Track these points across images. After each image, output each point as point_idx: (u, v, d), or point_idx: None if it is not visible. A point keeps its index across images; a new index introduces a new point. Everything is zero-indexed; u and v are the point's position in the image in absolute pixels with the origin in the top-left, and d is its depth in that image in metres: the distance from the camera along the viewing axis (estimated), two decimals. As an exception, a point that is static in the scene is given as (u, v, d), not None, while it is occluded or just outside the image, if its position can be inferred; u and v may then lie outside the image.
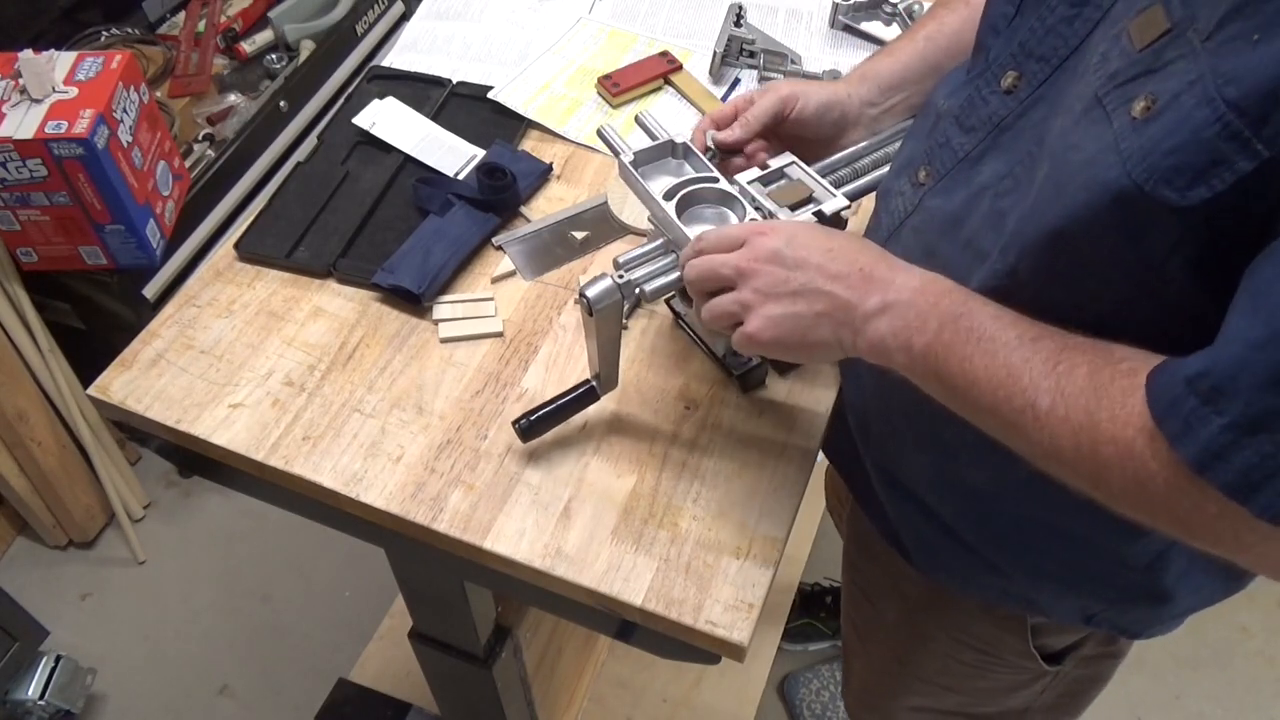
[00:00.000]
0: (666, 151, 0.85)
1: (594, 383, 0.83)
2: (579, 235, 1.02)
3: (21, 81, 1.39)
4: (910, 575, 0.91)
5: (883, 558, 0.94)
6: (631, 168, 0.82)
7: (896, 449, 0.83)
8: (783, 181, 0.83)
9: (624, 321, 0.88)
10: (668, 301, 0.93)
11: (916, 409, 0.74)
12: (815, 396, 0.89)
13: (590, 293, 0.74)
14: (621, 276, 0.75)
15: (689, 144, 0.84)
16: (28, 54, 1.40)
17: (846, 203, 0.80)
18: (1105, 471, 0.53)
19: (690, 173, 0.84)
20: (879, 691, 1.10)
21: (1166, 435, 0.49)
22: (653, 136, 0.85)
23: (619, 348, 0.81)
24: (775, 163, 0.84)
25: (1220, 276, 0.50)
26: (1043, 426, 0.55)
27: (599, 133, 0.85)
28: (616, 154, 0.84)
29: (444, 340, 0.93)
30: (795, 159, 0.84)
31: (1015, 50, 0.66)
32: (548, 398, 0.88)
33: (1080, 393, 0.54)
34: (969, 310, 0.61)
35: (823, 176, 0.83)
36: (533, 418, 0.81)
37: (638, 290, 0.75)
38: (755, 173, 0.82)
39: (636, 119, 0.86)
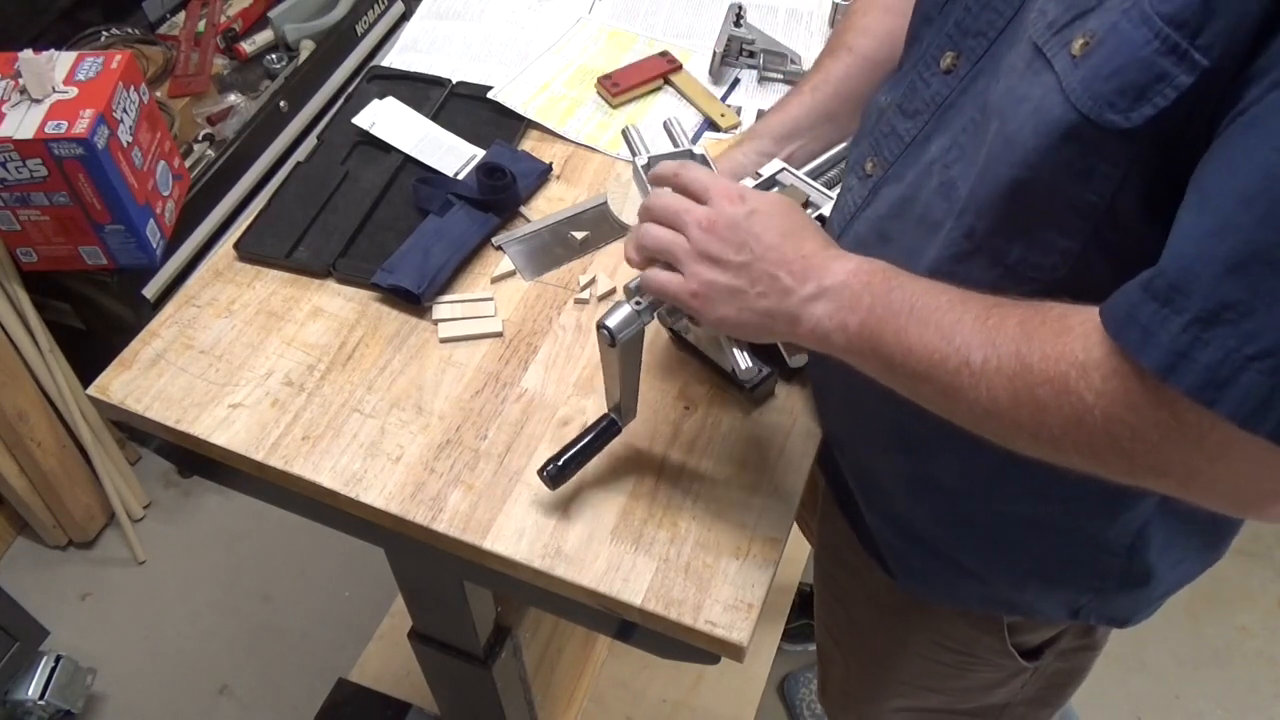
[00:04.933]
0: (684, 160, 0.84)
1: (614, 415, 0.80)
2: (579, 235, 1.02)
3: (21, 81, 1.39)
4: (885, 582, 0.91)
5: (856, 565, 0.94)
6: (643, 171, 0.81)
7: (868, 455, 0.83)
8: (776, 189, 0.83)
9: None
10: (665, 323, 0.92)
11: (881, 413, 0.74)
12: (813, 396, 0.89)
13: (611, 323, 0.71)
14: (639, 303, 0.72)
15: (706, 156, 0.82)
16: (28, 54, 1.40)
17: None
18: (1044, 415, 0.53)
19: None
20: (860, 695, 1.10)
21: (1126, 347, 0.48)
22: (634, 151, 0.83)
23: (639, 376, 0.79)
24: (766, 170, 0.84)
25: (1172, 215, 0.50)
26: (979, 382, 0.56)
27: (624, 133, 0.84)
28: (633, 155, 0.82)
29: (444, 340, 0.93)
30: (785, 165, 0.84)
31: (951, 30, 0.66)
32: (548, 398, 0.88)
33: (1011, 341, 0.54)
34: (900, 284, 0.62)
35: (813, 179, 0.83)
36: (559, 463, 0.78)
37: (656, 313, 0.74)
38: (750, 182, 0.83)
39: (623, 133, 0.84)
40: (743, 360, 0.72)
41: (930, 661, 0.95)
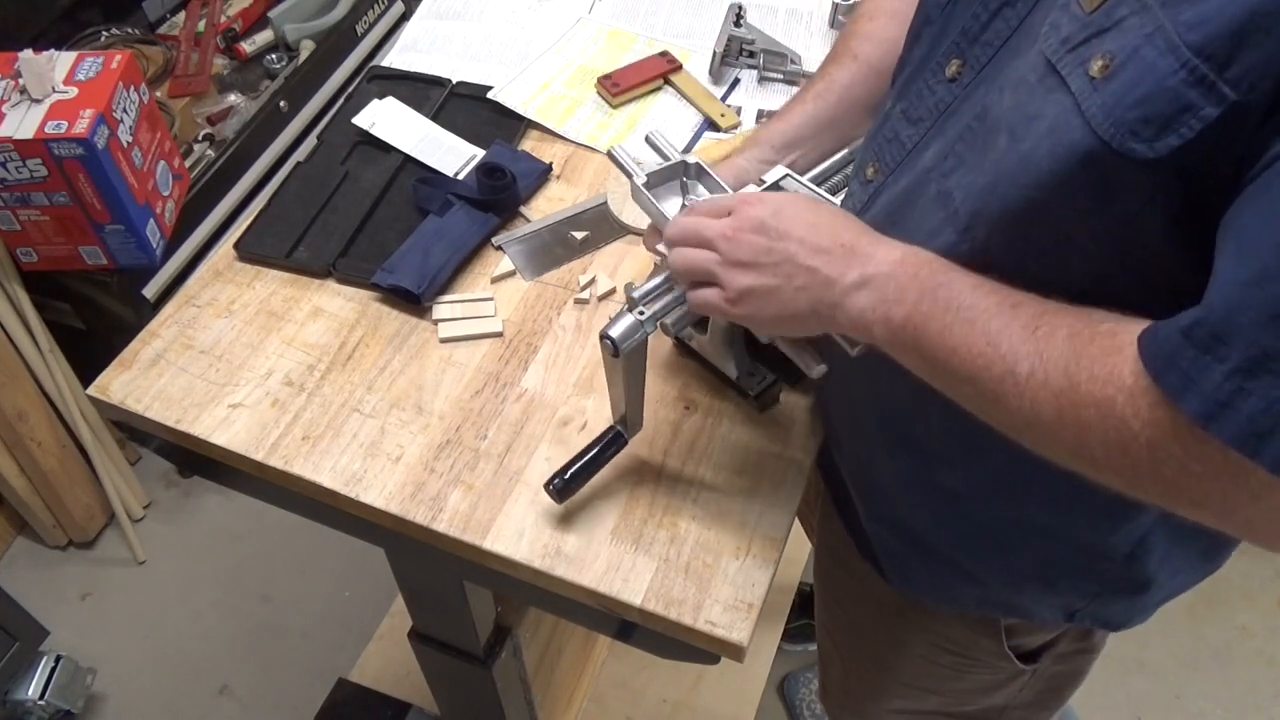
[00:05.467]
0: (679, 172, 0.83)
1: (620, 427, 0.80)
2: (579, 235, 1.02)
3: (21, 81, 1.39)
4: (883, 584, 0.91)
5: (854, 566, 0.94)
6: (645, 190, 0.81)
7: (869, 458, 0.83)
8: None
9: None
10: (668, 332, 0.92)
11: (886, 416, 0.74)
12: (814, 398, 0.89)
13: (614, 333, 0.71)
14: (642, 313, 0.72)
15: (701, 164, 0.82)
16: (28, 54, 1.40)
17: None
18: (1086, 435, 0.52)
19: (704, 193, 0.82)
20: (859, 695, 1.10)
21: (1167, 391, 0.48)
22: (628, 172, 0.82)
23: (644, 386, 0.79)
24: (770, 177, 0.83)
25: (1196, 237, 0.50)
26: (1023, 393, 0.54)
27: (610, 154, 0.84)
28: (629, 176, 0.81)
29: (444, 340, 0.93)
30: (789, 171, 0.84)
31: (957, 38, 0.66)
32: (548, 398, 0.88)
33: (1060, 356, 0.53)
34: (948, 280, 0.60)
35: (818, 185, 0.83)
36: (565, 476, 0.77)
37: (659, 324, 0.73)
38: (754, 188, 0.82)
39: (609, 155, 0.84)
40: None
41: (929, 663, 0.95)
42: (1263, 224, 0.45)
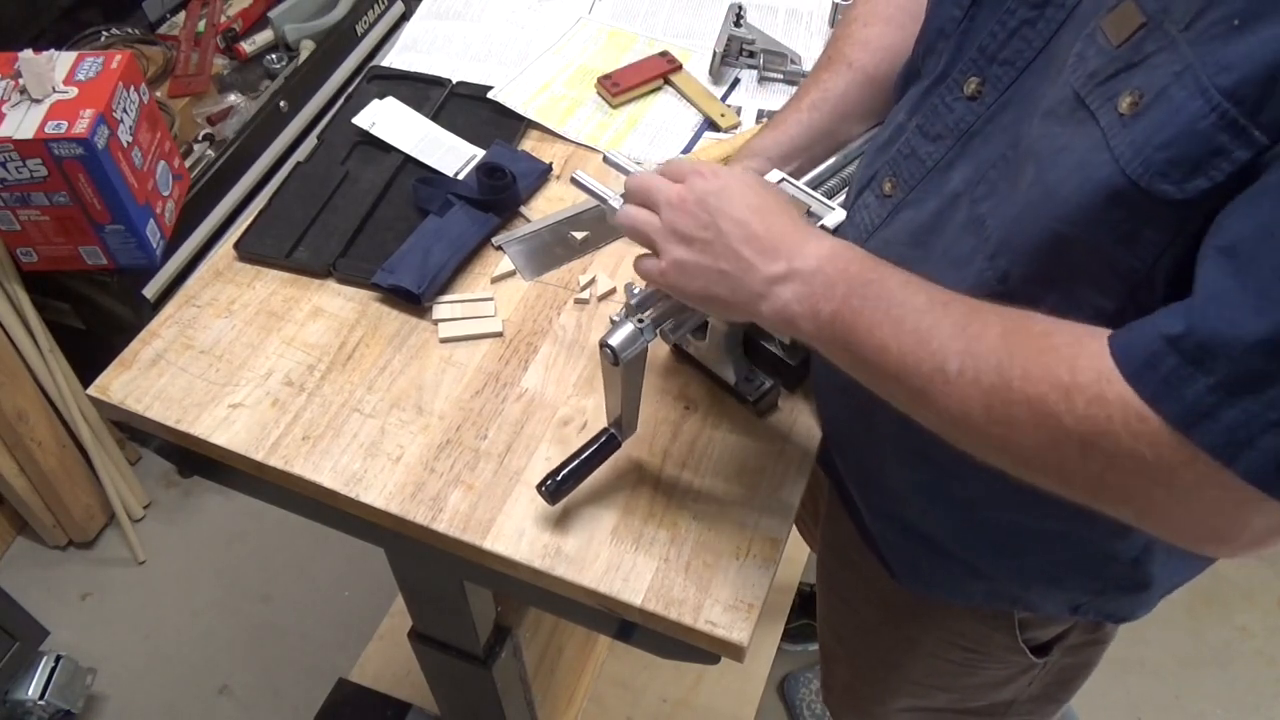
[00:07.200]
0: None
1: (613, 430, 0.80)
2: (579, 235, 1.02)
3: (21, 81, 1.39)
4: (893, 582, 0.90)
5: (861, 565, 0.93)
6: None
7: (879, 465, 0.82)
8: None
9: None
10: (666, 339, 0.92)
11: (904, 426, 0.74)
12: (814, 398, 0.89)
13: (614, 341, 0.71)
14: (642, 320, 0.72)
15: None
16: (28, 54, 1.40)
17: (844, 214, 0.79)
18: (1017, 433, 0.52)
19: None
20: (866, 695, 1.09)
21: (1143, 394, 0.48)
22: (602, 197, 0.81)
23: (641, 392, 0.78)
24: (767, 180, 0.83)
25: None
26: (952, 391, 0.55)
27: (574, 182, 0.83)
28: (605, 202, 0.81)
29: (444, 340, 0.93)
30: (785, 175, 0.83)
31: (975, 55, 0.65)
32: (548, 398, 0.88)
33: (991, 353, 0.53)
34: (879, 277, 0.60)
35: (814, 189, 0.83)
36: (558, 478, 0.77)
37: (659, 331, 0.73)
38: None
39: (576, 184, 0.84)
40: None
41: (939, 660, 0.94)
42: (1264, 243, 0.45)
